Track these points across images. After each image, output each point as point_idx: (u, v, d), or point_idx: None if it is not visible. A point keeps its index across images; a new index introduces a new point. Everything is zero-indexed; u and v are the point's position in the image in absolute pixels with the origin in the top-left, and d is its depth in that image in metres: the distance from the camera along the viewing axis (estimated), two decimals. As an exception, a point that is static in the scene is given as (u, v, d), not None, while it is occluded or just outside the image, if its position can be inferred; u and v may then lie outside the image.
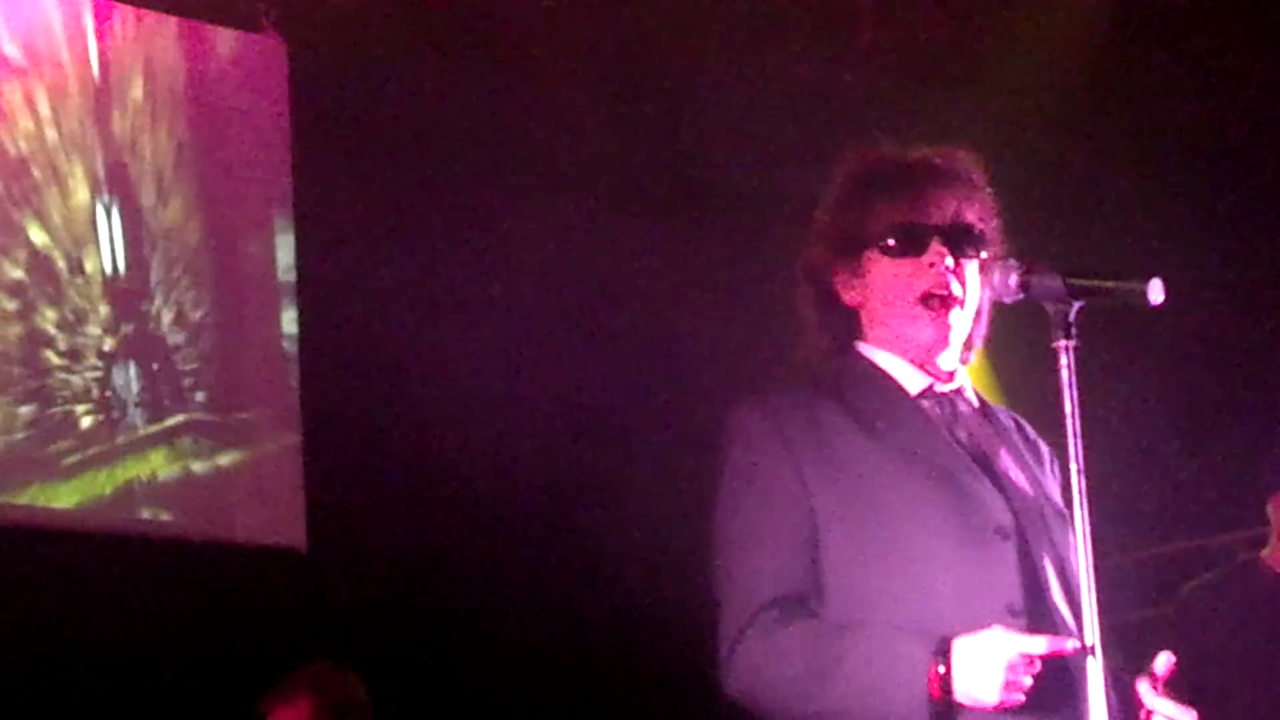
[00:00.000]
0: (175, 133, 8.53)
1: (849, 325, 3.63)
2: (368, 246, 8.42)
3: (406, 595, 8.26)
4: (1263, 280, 8.69)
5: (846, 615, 3.41)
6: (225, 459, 8.32)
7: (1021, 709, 3.28)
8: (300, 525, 8.19)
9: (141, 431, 8.13)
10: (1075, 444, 3.24)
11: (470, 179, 8.45)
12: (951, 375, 3.60)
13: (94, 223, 8.16)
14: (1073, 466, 3.23)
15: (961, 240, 3.50)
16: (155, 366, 8.26)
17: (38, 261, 7.95)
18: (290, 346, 8.57)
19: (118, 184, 8.29)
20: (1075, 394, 3.24)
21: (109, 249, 8.18)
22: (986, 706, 3.27)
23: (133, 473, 8.05)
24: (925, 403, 3.55)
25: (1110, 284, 3.33)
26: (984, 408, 3.65)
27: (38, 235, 7.96)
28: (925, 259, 3.49)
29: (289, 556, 8.07)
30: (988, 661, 3.23)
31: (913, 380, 3.56)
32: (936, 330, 3.52)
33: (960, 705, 3.28)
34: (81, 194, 8.15)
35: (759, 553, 3.47)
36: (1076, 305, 3.30)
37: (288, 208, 8.68)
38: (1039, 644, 3.25)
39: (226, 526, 8.23)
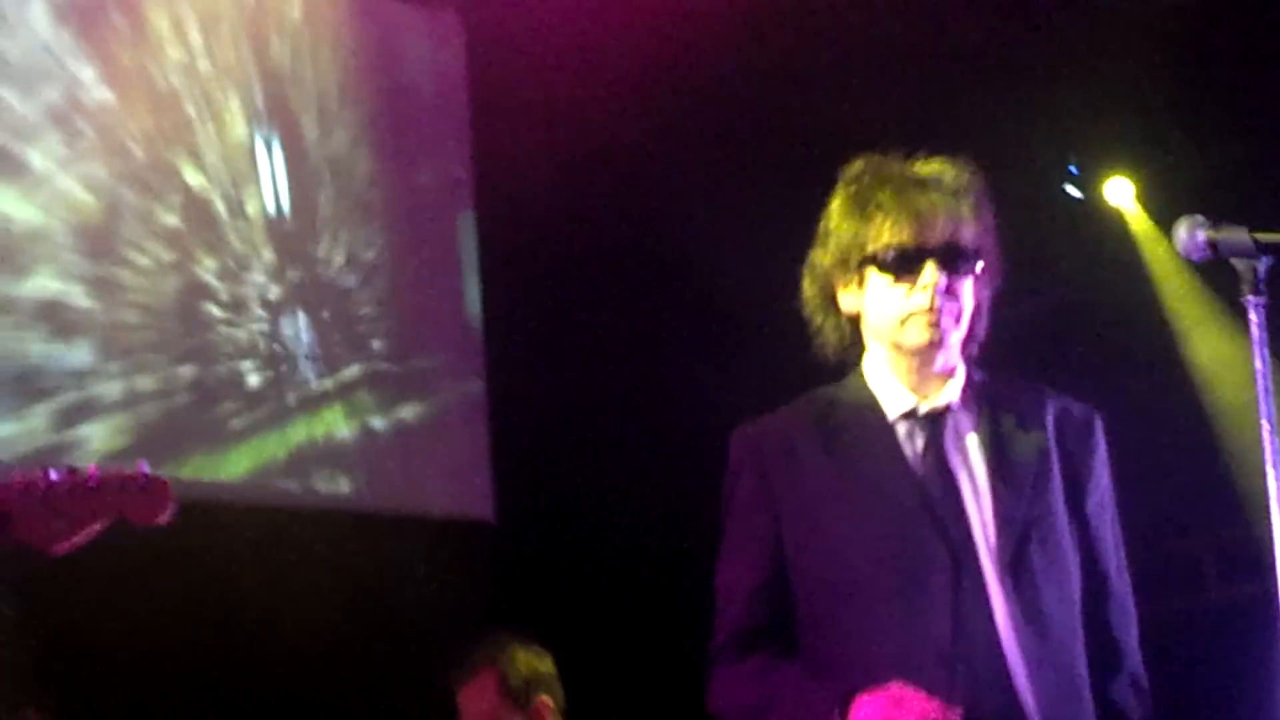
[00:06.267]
0: (339, 55, 7.78)
1: (853, 328, 3.72)
2: (552, 170, 7.64)
3: (597, 564, 7.69)
4: None
5: (810, 646, 3.57)
6: (407, 412, 7.60)
7: None
8: (488, 489, 7.53)
9: (315, 387, 7.43)
10: (1267, 402, 3.24)
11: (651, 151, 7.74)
12: (946, 377, 3.66)
13: (253, 159, 7.42)
14: (1264, 425, 3.23)
15: (956, 259, 3.57)
16: (326, 314, 7.54)
17: (194, 205, 7.20)
18: (471, 284, 7.83)
19: (278, 115, 7.55)
20: (1265, 351, 3.26)
21: (271, 187, 7.45)
22: None
23: (307, 434, 7.36)
24: (904, 426, 3.62)
25: None
26: (982, 417, 3.66)
27: (193, 177, 7.21)
28: (920, 279, 3.56)
29: (477, 527, 7.40)
30: None
31: (897, 401, 3.64)
32: (928, 337, 3.59)
33: None
34: (239, 129, 7.40)
35: (731, 583, 3.69)
36: (1265, 261, 3.30)
37: (464, 132, 7.94)
38: (914, 713, 3.32)
39: (410, 493, 7.51)
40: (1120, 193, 8.52)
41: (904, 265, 3.57)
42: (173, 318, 7.07)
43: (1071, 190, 8.50)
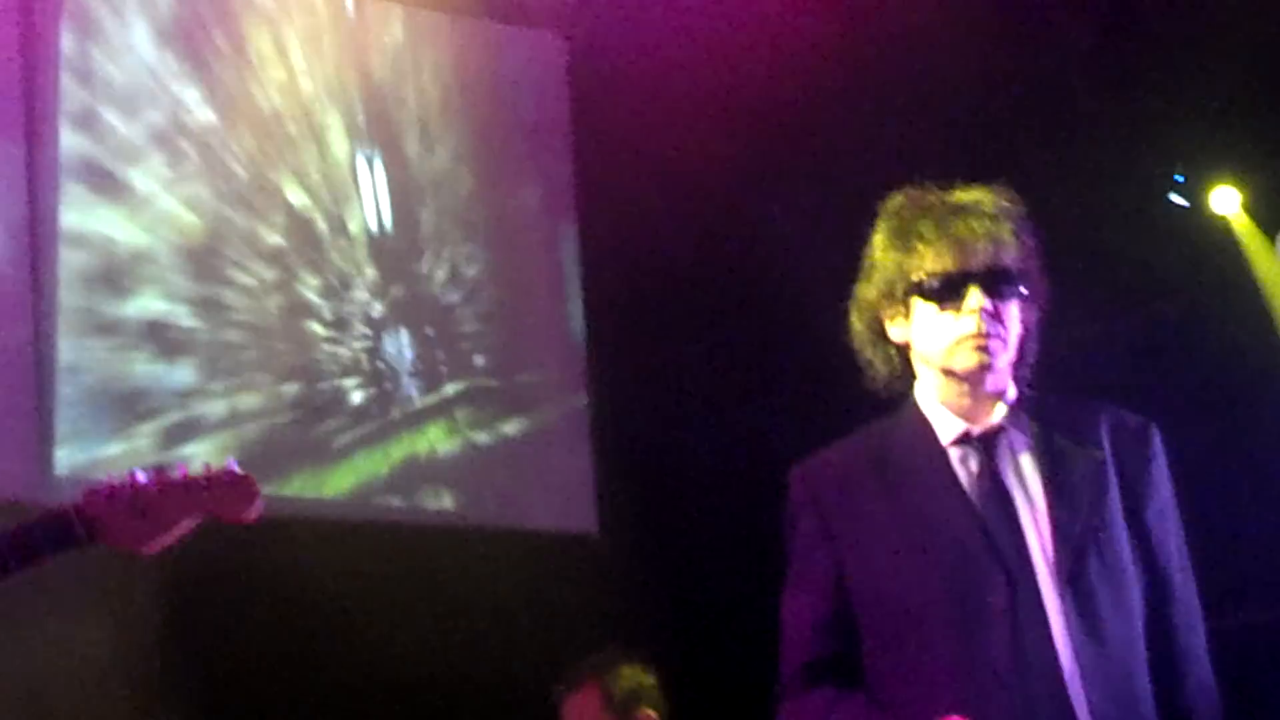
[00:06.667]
0: (440, 74, 7.80)
1: (903, 359, 3.75)
2: (653, 187, 7.63)
3: (700, 577, 7.66)
4: None
5: (874, 675, 3.58)
6: (510, 427, 7.60)
7: None
8: (591, 503, 7.50)
9: (418, 404, 7.45)
10: None
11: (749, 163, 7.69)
12: (997, 399, 3.67)
13: (355, 177, 7.46)
14: None
15: (1000, 283, 3.61)
16: (429, 331, 7.56)
17: (297, 224, 7.25)
18: (574, 299, 7.81)
19: (379, 133, 7.58)
20: None
21: (373, 205, 7.48)
22: None
23: (409, 450, 7.38)
24: (957, 451, 3.64)
25: None
26: (1035, 436, 3.66)
27: (296, 195, 7.26)
28: (965, 304, 3.59)
29: (580, 540, 7.38)
30: None
31: (949, 427, 3.67)
32: (976, 361, 3.61)
33: None
34: (340, 147, 7.44)
35: (795, 618, 3.71)
36: None
37: (566, 150, 7.93)
38: None
39: (513, 507, 7.50)
40: (1227, 201, 8.42)
41: (948, 292, 3.60)
42: (276, 336, 7.10)
43: (1177, 199, 8.41)
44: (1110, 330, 7.37)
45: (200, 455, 6.68)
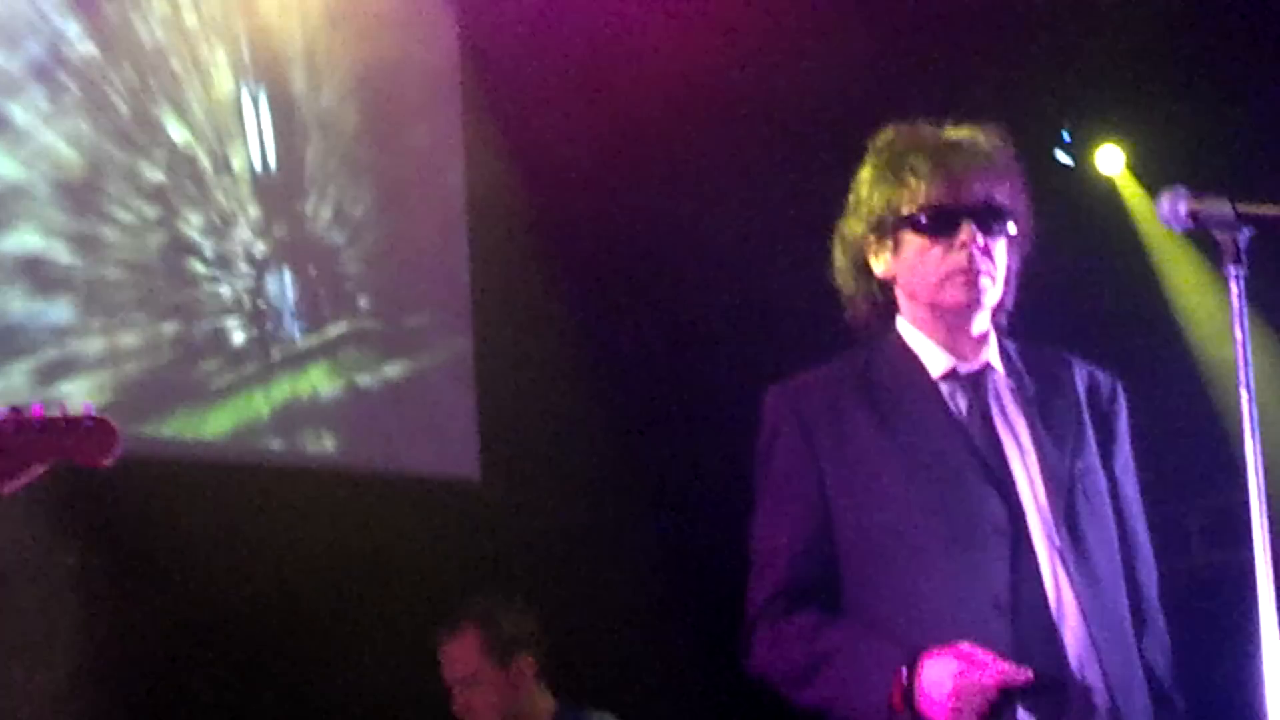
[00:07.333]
0: (329, 10, 7.69)
1: (885, 294, 3.76)
2: (543, 129, 7.59)
3: (581, 523, 7.66)
4: None
5: (855, 602, 3.58)
6: (393, 370, 7.55)
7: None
8: (473, 447, 7.46)
9: (299, 345, 7.37)
10: (1246, 372, 3.24)
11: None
12: (981, 341, 3.70)
13: (240, 114, 7.34)
14: (1243, 393, 3.24)
15: (991, 219, 3.61)
16: (312, 271, 7.48)
17: (179, 161, 7.11)
18: (459, 242, 7.75)
19: (265, 70, 7.46)
20: (1245, 322, 3.24)
21: (257, 143, 7.37)
22: None
23: (291, 392, 7.30)
24: (946, 386, 3.65)
25: None
26: (1017, 379, 3.71)
27: (178, 132, 7.13)
28: (957, 238, 3.59)
29: (461, 485, 7.34)
30: (939, 684, 3.35)
31: (937, 362, 3.67)
32: (967, 296, 3.62)
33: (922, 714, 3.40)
34: (225, 83, 7.31)
35: (774, 542, 3.67)
36: (1246, 232, 3.28)
37: (455, 90, 7.86)
38: (989, 675, 3.33)
39: (395, 451, 7.45)
40: (1111, 160, 8.48)
41: (940, 226, 3.60)
42: (156, 274, 6.98)
43: (1062, 157, 8.46)
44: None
45: (77, 393, 6.57)
